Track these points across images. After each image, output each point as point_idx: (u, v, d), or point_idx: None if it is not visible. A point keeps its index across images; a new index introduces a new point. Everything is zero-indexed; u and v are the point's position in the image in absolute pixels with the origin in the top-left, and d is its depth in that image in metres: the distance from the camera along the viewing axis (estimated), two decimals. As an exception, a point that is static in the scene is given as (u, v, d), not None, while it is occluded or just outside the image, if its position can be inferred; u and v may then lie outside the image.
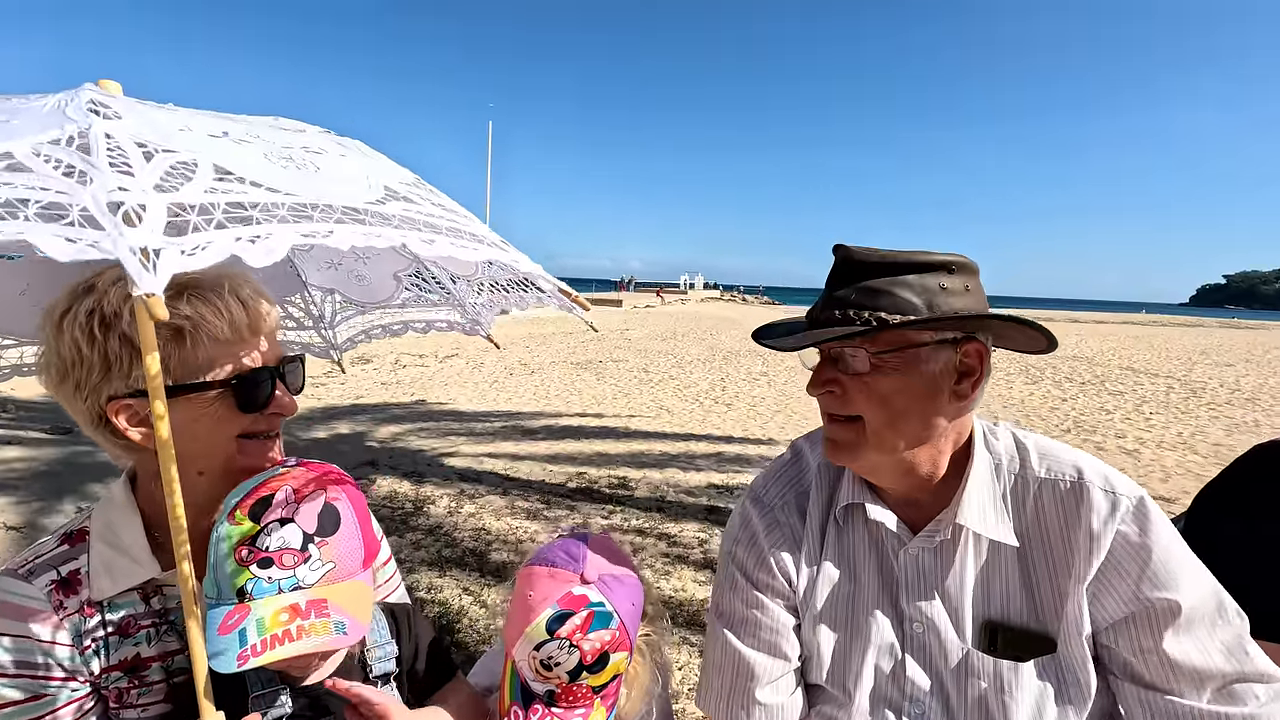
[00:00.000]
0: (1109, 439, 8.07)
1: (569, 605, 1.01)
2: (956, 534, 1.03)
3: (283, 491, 0.93)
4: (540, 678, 1.01)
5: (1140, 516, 0.96)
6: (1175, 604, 0.91)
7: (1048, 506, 1.01)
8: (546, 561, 1.08)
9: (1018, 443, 1.07)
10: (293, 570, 0.88)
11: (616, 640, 1.02)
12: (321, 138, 0.91)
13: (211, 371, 0.96)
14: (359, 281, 1.36)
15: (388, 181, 0.83)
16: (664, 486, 5.71)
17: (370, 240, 0.68)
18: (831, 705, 1.09)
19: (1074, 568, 0.96)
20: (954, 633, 1.02)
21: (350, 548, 0.94)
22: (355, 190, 0.76)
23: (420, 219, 0.78)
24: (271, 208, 0.66)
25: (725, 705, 1.10)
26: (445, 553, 4.18)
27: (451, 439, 7.21)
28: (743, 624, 1.11)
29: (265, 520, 0.90)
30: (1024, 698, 0.96)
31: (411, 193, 0.85)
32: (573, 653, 0.99)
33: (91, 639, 0.95)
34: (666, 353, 16.21)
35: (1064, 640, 0.97)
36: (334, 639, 0.86)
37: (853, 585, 1.10)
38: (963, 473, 1.03)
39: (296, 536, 0.90)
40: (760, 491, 1.19)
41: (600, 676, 1.02)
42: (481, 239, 0.83)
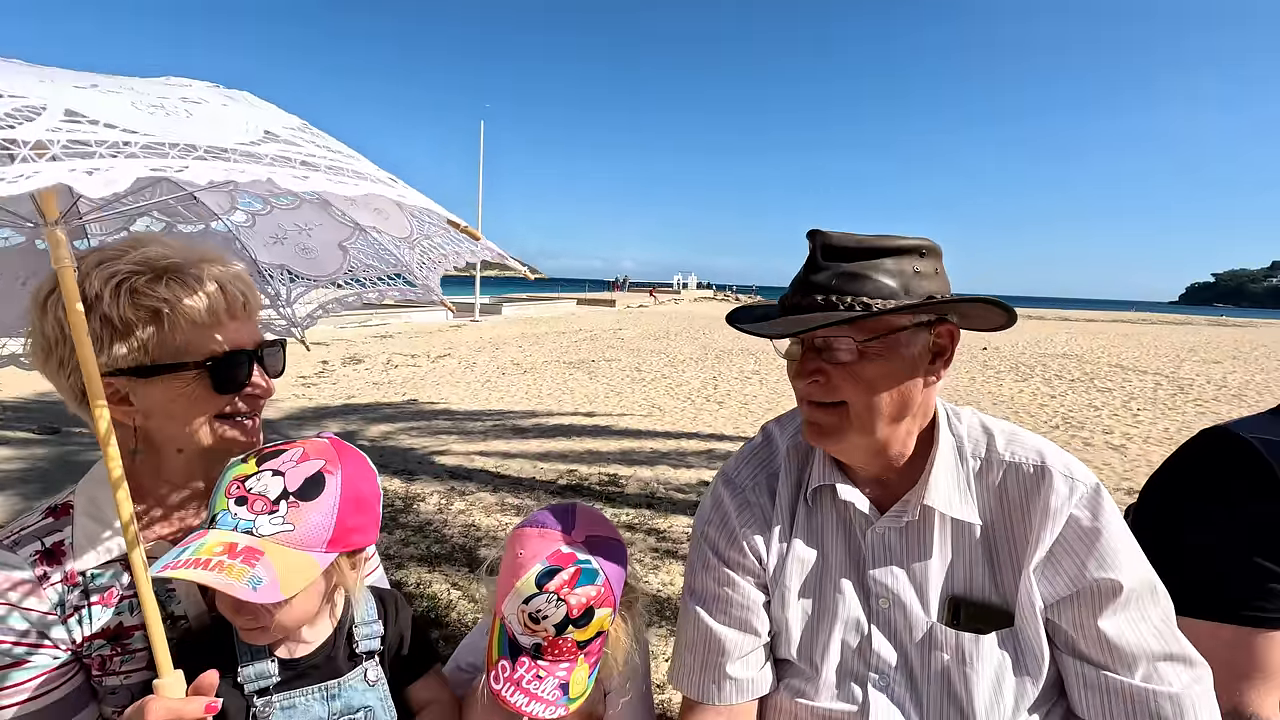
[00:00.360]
0: (1096, 434, 8.15)
1: (557, 561, 1.06)
2: (924, 514, 1.06)
3: (293, 450, 0.99)
4: (528, 631, 1.06)
5: (1094, 502, 1.00)
6: (1116, 584, 0.96)
7: (1011, 488, 1.05)
8: (537, 523, 1.13)
9: (984, 427, 1.11)
10: (256, 516, 0.91)
11: (601, 596, 1.07)
12: (209, 91, 0.90)
13: (188, 353, 0.98)
14: (306, 255, 1.37)
15: (269, 126, 0.83)
16: (654, 483, 5.73)
17: (232, 175, 0.67)
18: (799, 678, 1.11)
19: (1031, 546, 1.00)
20: (919, 607, 1.05)
21: (317, 522, 0.94)
22: (228, 133, 0.75)
23: (297, 157, 0.77)
24: (121, 145, 0.65)
25: (697, 680, 1.12)
26: (435, 549, 4.19)
27: (442, 438, 7.21)
28: (714, 601, 1.14)
29: (263, 466, 0.95)
30: (984, 668, 1.00)
31: (295, 136, 0.85)
32: (560, 606, 1.04)
33: (73, 608, 0.97)
34: (659, 352, 16.24)
35: (1021, 614, 1.01)
36: (239, 587, 0.84)
37: (821, 563, 1.12)
38: (928, 453, 1.07)
39: (276, 489, 0.93)
40: (732, 474, 1.22)
41: (585, 631, 1.07)
42: (365, 175, 0.83)
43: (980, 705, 1.00)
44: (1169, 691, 0.94)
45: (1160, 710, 0.93)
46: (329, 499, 0.97)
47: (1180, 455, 1.30)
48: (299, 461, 0.97)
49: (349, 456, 1.04)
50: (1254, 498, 1.16)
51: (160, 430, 1.02)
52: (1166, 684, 0.94)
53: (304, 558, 0.93)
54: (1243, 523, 1.16)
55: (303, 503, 0.94)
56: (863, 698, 1.06)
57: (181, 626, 1.06)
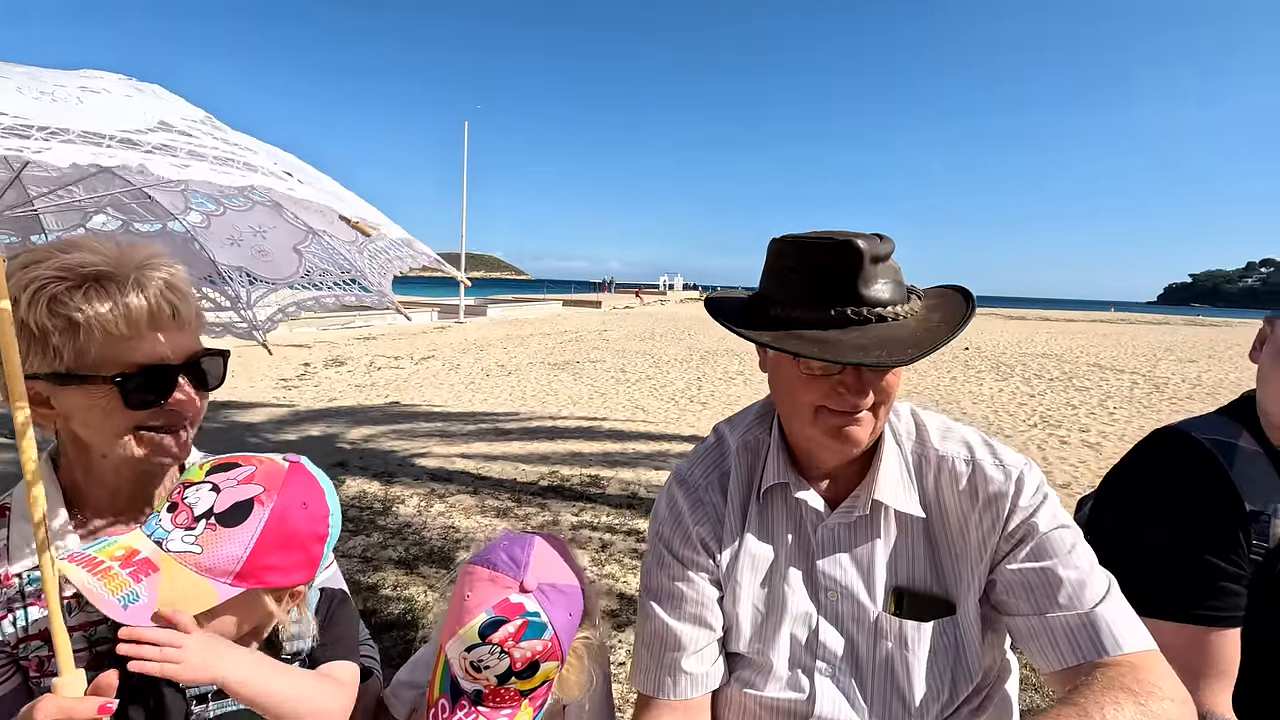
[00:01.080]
0: (1073, 433, 8.25)
1: (504, 612, 1.01)
2: (873, 508, 1.10)
3: (245, 469, 0.95)
4: (469, 678, 1.02)
5: (1021, 482, 1.05)
6: (1033, 527, 1.02)
7: (946, 480, 1.09)
8: (489, 564, 1.08)
9: (917, 421, 1.15)
10: (172, 528, 0.89)
11: (548, 650, 1.03)
12: (117, 83, 0.89)
13: (102, 366, 0.95)
14: (263, 257, 1.37)
15: (166, 117, 0.81)
16: (636, 484, 5.75)
17: (99, 159, 0.66)
18: (750, 670, 1.14)
19: (969, 534, 1.05)
20: (866, 598, 1.08)
21: (228, 553, 0.90)
22: (116, 120, 0.74)
23: (185, 147, 0.76)
24: None
25: (654, 676, 1.13)
26: (413, 551, 4.18)
27: (424, 440, 7.18)
28: (669, 598, 1.15)
29: (210, 477, 0.93)
30: (924, 655, 1.05)
31: (193, 128, 0.83)
32: (503, 658, 1.00)
33: (8, 609, 0.97)
34: (644, 353, 16.26)
35: (962, 603, 1.05)
36: (107, 600, 0.81)
37: (772, 559, 1.14)
38: (875, 450, 1.10)
39: (203, 506, 0.91)
40: (685, 474, 1.24)
41: (529, 683, 1.03)
42: (255, 168, 0.81)
43: (919, 690, 1.04)
44: (1082, 614, 0.97)
45: (1076, 633, 0.97)
46: (248, 531, 0.92)
47: (1135, 454, 1.33)
48: (240, 482, 0.93)
49: (298, 489, 0.99)
50: (1206, 498, 1.19)
51: (84, 435, 1.01)
52: (1087, 606, 0.98)
53: (202, 585, 0.88)
54: (1196, 522, 1.19)
55: (221, 528, 0.90)
56: (810, 687, 1.08)
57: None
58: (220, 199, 1.28)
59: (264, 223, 1.30)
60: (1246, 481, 1.17)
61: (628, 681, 1.25)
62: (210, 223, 1.33)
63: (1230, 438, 1.23)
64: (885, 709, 1.06)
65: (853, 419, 1.01)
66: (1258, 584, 1.15)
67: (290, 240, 1.32)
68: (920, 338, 0.96)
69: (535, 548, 1.11)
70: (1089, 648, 0.95)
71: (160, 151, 0.72)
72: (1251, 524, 1.15)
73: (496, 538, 1.15)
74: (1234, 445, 1.21)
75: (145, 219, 1.34)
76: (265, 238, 1.33)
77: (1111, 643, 0.94)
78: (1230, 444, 1.21)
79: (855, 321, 0.96)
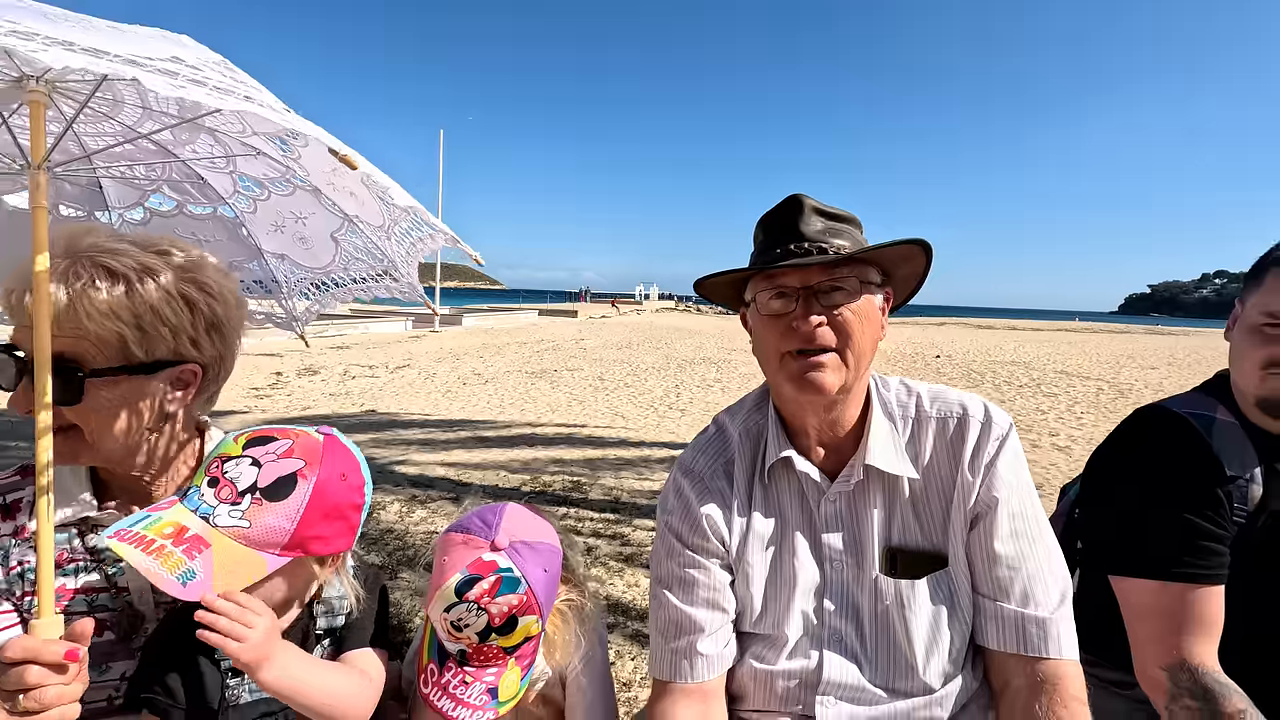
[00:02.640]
0: (1043, 437, 8.45)
1: (477, 570, 1.05)
2: (867, 474, 1.14)
3: (282, 443, 0.98)
4: (452, 638, 1.06)
5: (1003, 441, 1.13)
6: (996, 501, 1.09)
7: (937, 440, 1.15)
8: (461, 528, 1.13)
9: (908, 389, 1.22)
10: (217, 503, 0.91)
11: (524, 604, 1.07)
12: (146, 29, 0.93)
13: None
14: (303, 245, 1.41)
15: (180, 55, 0.84)
16: (618, 489, 5.74)
17: (90, 66, 0.68)
18: (761, 645, 1.17)
19: (958, 488, 1.11)
20: (866, 562, 1.13)
21: (275, 525, 0.94)
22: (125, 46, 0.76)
23: (190, 76, 0.78)
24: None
25: (670, 660, 1.15)
26: (397, 556, 4.13)
27: (402, 447, 7.09)
28: (681, 585, 1.17)
29: (248, 451, 0.95)
30: (921, 610, 1.10)
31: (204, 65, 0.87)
32: (481, 615, 1.04)
33: (19, 562, 0.98)
34: (622, 361, 16.27)
35: (953, 554, 1.11)
36: (167, 580, 0.84)
37: (780, 537, 1.18)
38: (865, 421, 1.17)
39: (247, 480, 0.93)
40: (690, 464, 1.27)
41: (510, 638, 1.07)
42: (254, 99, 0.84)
43: (920, 644, 1.09)
44: (1037, 615, 1.05)
45: (1028, 631, 1.05)
46: (294, 503, 0.95)
47: (1119, 432, 1.40)
48: (281, 456, 0.96)
49: (336, 461, 1.02)
50: (1187, 464, 1.26)
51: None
52: (1036, 608, 1.06)
53: (253, 557, 0.92)
54: (1177, 487, 1.26)
55: (267, 502, 0.93)
56: (818, 655, 1.12)
57: (124, 599, 1.06)
58: (265, 182, 1.31)
59: (304, 208, 1.34)
60: (1225, 450, 1.24)
61: (641, 686, 1.27)
62: (256, 207, 1.37)
63: (1208, 410, 1.31)
64: (890, 665, 1.11)
65: (816, 363, 1.08)
66: (1239, 545, 1.22)
67: (328, 228, 1.36)
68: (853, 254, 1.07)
69: (506, 511, 1.16)
70: (1035, 645, 1.05)
71: (160, 74, 0.73)
72: (1232, 488, 1.22)
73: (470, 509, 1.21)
74: (1212, 418, 1.29)
75: (199, 201, 1.38)
76: (305, 224, 1.37)
77: (1055, 648, 1.04)
78: (1208, 416, 1.29)
79: (796, 255, 1.07)
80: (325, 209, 1.33)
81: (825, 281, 1.07)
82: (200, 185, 1.35)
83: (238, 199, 1.37)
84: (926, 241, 1.10)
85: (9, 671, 0.79)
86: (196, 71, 0.80)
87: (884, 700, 1.10)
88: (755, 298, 1.14)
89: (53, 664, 0.81)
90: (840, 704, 1.11)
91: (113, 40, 0.76)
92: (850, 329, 1.08)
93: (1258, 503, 1.23)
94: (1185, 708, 1.16)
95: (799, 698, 1.13)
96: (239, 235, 1.42)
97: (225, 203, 1.38)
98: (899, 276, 1.19)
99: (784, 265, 1.06)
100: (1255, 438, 1.27)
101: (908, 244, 1.09)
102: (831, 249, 1.06)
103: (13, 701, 0.79)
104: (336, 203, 1.31)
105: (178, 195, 1.39)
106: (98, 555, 1.05)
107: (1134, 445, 1.36)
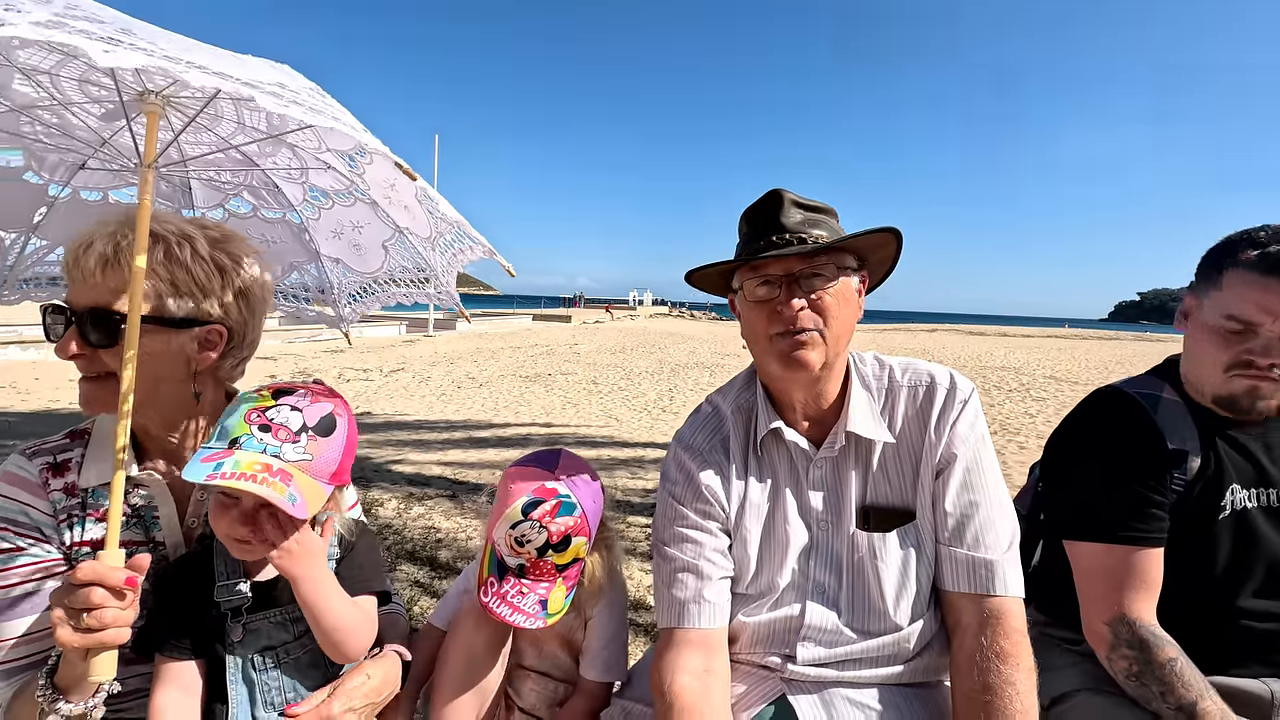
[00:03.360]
0: (1031, 440, 8.58)
1: (541, 494, 1.22)
2: (849, 439, 1.25)
3: (302, 392, 1.11)
4: (514, 553, 1.21)
5: (965, 404, 1.25)
6: (954, 456, 1.20)
7: (909, 407, 1.27)
8: (526, 462, 1.30)
9: (881, 363, 1.34)
10: (281, 443, 1.03)
11: (578, 526, 1.23)
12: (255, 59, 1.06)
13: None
14: (356, 251, 1.55)
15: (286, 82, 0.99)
16: (612, 488, 5.81)
17: (223, 85, 0.81)
18: (754, 604, 1.27)
19: (925, 450, 1.23)
20: (845, 520, 1.24)
21: (330, 456, 1.08)
22: (242, 71, 0.89)
23: (291, 98, 0.91)
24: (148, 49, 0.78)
25: (676, 608, 1.24)
26: (395, 549, 4.20)
27: (398, 448, 7.16)
28: (683, 543, 1.28)
29: (280, 400, 1.08)
30: (890, 559, 1.21)
31: (303, 90, 1.02)
32: (542, 532, 1.20)
33: (69, 515, 1.11)
34: (615, 366, 16.37)
35: (920, 510, 1.23)
36: (284, 501, 0.98)
37: (773, 503, 1.29)
38: (845, 395, 1.28)
39: (297, 422, 1.06)
40: (688, 439, 1.38)
41: (563, 556, 1.23)
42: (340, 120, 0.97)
43: (890, 590, 1.20)
44: (986, 558, 1.17)
45: (978, 572, 1.16)
46: (340, 437, 1.10)
47: (1077, 409, 1.52)
48: (312, 401, 1.09)
49: (345, 404, 1.17)
50: (1134, 438, 1.38)
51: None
52: (986, 551, 1.17)
53: (317, 486, 1.05)
54: (1125, 458, 1.37)
55: (320, 438, 1.07)
56: (801, 605, 1.23)
57: (160, 552, 1.17)
58: (331, 193, 1.45)
59: (362, 219, 1.48)
60: (1168, 425, 1.36)
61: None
62: (320, 215, 1.51)
63: (1155, 390, 1.42)
64: (864, 609, 1.22)
65: (799, 341, 1.18)
66: (1178, 511, 1.34)
67: (380, 237, 1.50)
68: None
69: (562, 453, 1.34)
70: (983, 584, 1.16)
71: (268, 96, 0.86)
72: (1172, 460, 1.33)
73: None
74: (1158, 396, 1.41)
75: (272, 207, 1.53)
76: (361, 233, 1.51)
77: (1001, 586, 1.15)
78: (1155, 395, 1.41)
79: (777, 245, 1.17)
80: (380, 220, 1.47)
81: (805, 269, 1.18)
82: (275, 193, 1.49)
83: (305, 206, 1.51)
84: (896, 229, 1.20)
85: (77, 592, 0.90)
86: (296, 95, 0.95)
87: (855, 640, 1.22)
88: (742, 286, 1.25)
89: (114, 588, 0.91)
90: (818, 647, 1.22)
91: (234, 66, 0.90)
92: (829, 311, 1.19)
93: (1195, 473, 1.35)
94: (1123, 656, 1.28)
95: (784, 640, 1.25)
96: (302, 239, 1.56)
97: (294, 209, 1.51)
98: (874, 260, 1.29)
99: (767, 256, 1.17)
100: (1196, 415, 1.39)
101: (879, 232, 1.20)
102: (810, 239, 1.17)
103: (77, 619, 0.89)
104: (391, 215, 1.44)
105: (254, 200, 1.53)
106: (138, 511, 1.17)
107: (1088, 421, 1.48)
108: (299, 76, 1.11)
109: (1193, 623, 1.32)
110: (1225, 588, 1.36)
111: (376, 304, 1.65)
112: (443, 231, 1.44)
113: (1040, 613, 1.56)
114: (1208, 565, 1.36)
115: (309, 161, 1.36)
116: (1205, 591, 1.36)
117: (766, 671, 1.26)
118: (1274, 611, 1.35)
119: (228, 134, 1.31)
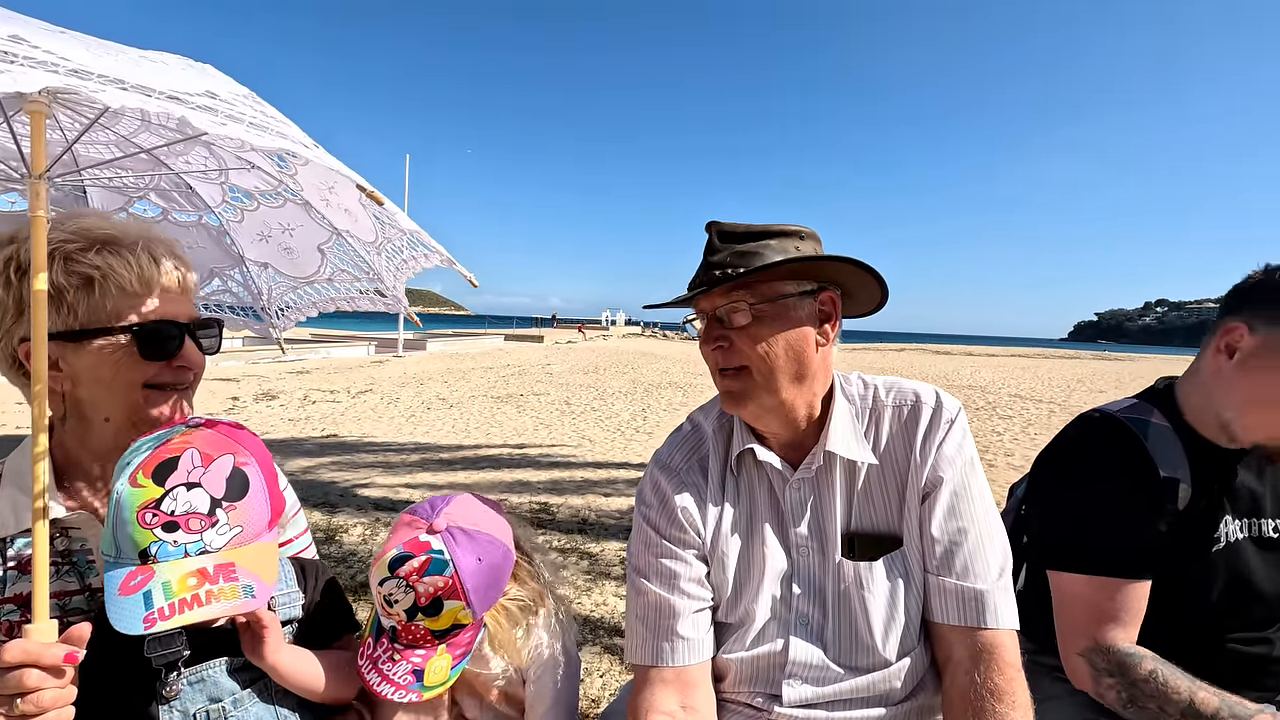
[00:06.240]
0: (999, 457, 8.70)
1: (411, 548, 1.09)
2: (828, 461, 1.20)
3: (188, 455, 0.94)
4: (385, 613, 1.10)
5: (950, 423, 1.20)
6: (941, 480, 1.15)
7: (893, 426, 1.22)
8: (411, 510, 1.18)
9: (865, 382, 1.29)
10: (199, 535, 0.90)
11: (449, 587, 1.08)
12: (176, 59, 0.97)
13: (118, 319, 1.00)
14: (288, 255, 1.43)
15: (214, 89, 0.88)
16: (585, 510, 5.73)
17: (146, 105, 0.71)
18: (733, 633, 1.21)
19: (910, 472, 1.17)
20: (829, 547, 1.19)
21: (258, 511, 0.97)
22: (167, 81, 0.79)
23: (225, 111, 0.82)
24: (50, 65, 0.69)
25: (651, 644, 1.18)
26: (360, 579, 4.05)
27: (365, 470, 6.97)
28: (659, 574, 1.21)
29: (170, 484, 0.91)
30: (878, 589, 1.15)
31: (236, 100, 0.91)
32: (409, 593, 1.07)
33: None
34: (589, 386, 16.26)
35: (907, 536, 1.17)
36: (242, 602, 0.88)
37: (750, 526, 1.23)
38: (825, 416, 1.22)
39: (204, 502, 0.92)
40: (665, 459, 1.32)
41: (437, 622, 1.09)
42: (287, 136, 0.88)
43: (878, 623, 1.14)
44: (975, 588, 1.11)
45: (968, 603, 1.11)
46: (257, 488, 0.99)
47: (1063, 435, 1.48)
48: (205, 464, 0.95)
49: (245, 439, 1.05)
50: (1124, 466, 1.33)
51: (89, 397, 1.03)
52: (975, 580, 1.12)
53: (262, 546, 0.96)
54: (1115, 487, 1.33)
55: (237, 503, 0.95)
56: (784, 641, 1.17)
57: (100, 599, 1.05)
58: (256, 194, 1.33)
59: (293, 220, 1.36)
60: (1159, 453, 1.31)
61: (597, 694, 1.29)
62: (243, 217, 1.39)
63: (1145, 416, 1.38)
64: (852, 645, 1.16)
65: (728, 381, 1.17)
66: (1169, 541, 1.30)
67: (315, 239, 1.39)
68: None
69: (456, 499, 1.20)
70: (974, 616, 1.10)
71: (201, 110, 0.77)
72: (1164, 489, 1.29)
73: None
74: (1148, 422, 1.36)
75: (184, 209, 1.39)
76: (292, 235, 1.39)
77: (993, 619, 1.09)
78: (1145, 421, 1.37)
79: (703, 283, 1.14)
80: (315, 222, 1.36)
81: (723, 305, 1.15)
82: (188, 194, 1.37)
83: (225, 209, 1.39)
84: (806, 257, 1.12)
85: (8, 675, 0.79)
86: (231, 106, 0.85)
87: (844, 678, 1.15)
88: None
89: (51, 667, 0.80)
90: (805, 685, 1.16)
91: (150, 73, 0.79)
92: (747, 352, 1.13)
93: (1187, 502, 1.30)
94: (1109, 686, 1.25)
95: (768, 678, 1.18)
96: (222, 243, 1.44)
97: (211, 211, 1.40)
98: (848, 279, 1.19)
99: (685, 297, 1.18)
100: (1186, 442, 1.34)
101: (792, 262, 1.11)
102: (736, 271, 1.11)
103: (9, 705, 0.78)
104: (328, 217, 1.33)
105: (163, 203, 1.40)
106: (69, 558, 1.04)
107: (1076, 447, 1.44)
108: (224, 79, 1.00)
109: (1183, 655, 1.29)
110: (1218, 620, 1.33)
111: (314, 309, 1.55)
112: (391, 237, 1.36)
113: (1029, 640, 1.53)
114: (1201, 596, 1.33)
115: (229, 161, 1.24)
116: (1197, 623, 1.33)
117: (753, 711, 1.19)
118: (1267, 638, 1.33)
119: (129, 132, 1.16)
